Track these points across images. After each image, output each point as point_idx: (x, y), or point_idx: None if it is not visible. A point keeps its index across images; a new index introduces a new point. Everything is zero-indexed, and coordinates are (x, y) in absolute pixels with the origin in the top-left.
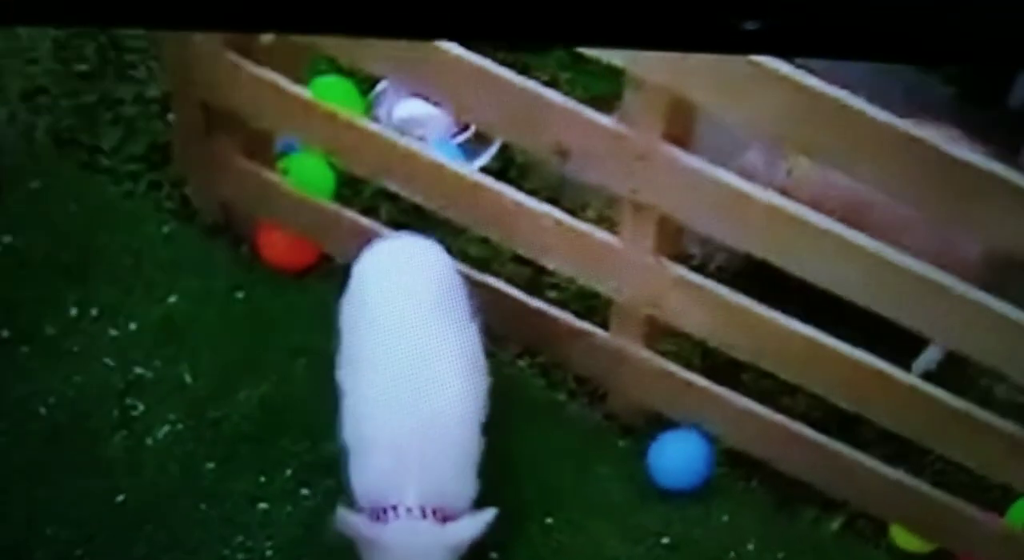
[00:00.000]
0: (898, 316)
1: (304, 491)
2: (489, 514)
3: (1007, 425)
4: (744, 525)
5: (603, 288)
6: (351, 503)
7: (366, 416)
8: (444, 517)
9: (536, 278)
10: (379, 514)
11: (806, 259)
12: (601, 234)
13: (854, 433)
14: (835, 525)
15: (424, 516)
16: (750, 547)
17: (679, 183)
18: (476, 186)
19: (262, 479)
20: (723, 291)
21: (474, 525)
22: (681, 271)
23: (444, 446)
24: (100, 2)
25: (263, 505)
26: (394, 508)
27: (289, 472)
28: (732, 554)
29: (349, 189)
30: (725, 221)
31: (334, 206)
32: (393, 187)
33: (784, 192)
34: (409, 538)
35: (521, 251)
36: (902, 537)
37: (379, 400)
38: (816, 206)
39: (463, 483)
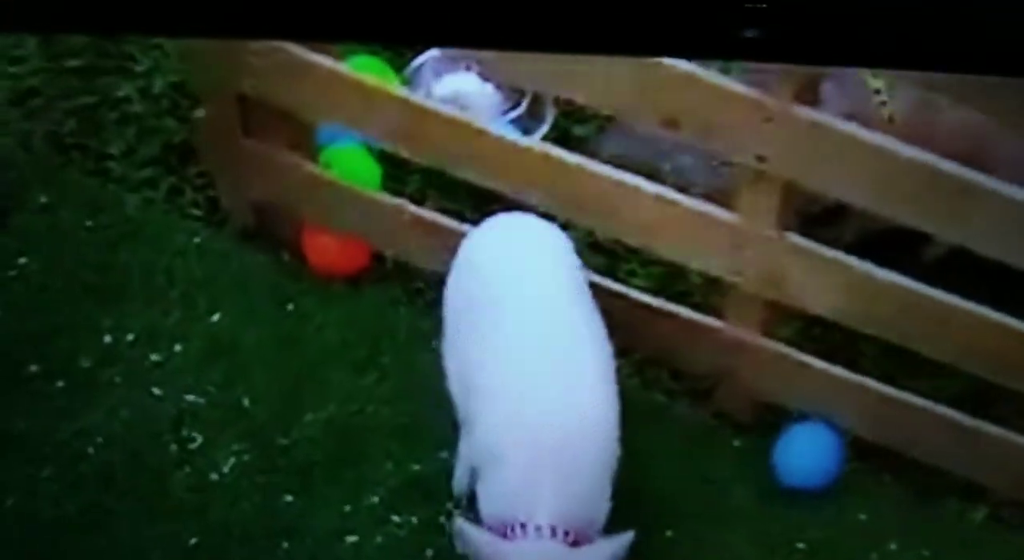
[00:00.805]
0: None
1: (395, 519)
2: (626, 538)
3: None
4: (883, 523)
5: (718, 271)
6: (473, 520)
7: (501, 422)
8: (575, 540)
9: (614, 265)
10: (505, 532)
11: (964, 222)
12: (716, 210)
13: (993, 410)
14: (980, 516)
15: (554, 536)
16: (892, 546)
17: (813, 146)
18: (561, 165)
19: (347, 509)
20: (856, 263)
21: (609, 549)
22: (810, 245)
23: (584, 460)
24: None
25: (352, 538)
26: (523, 526)
27: (376, 499)
28: (874, 555)
29: (393, 181)
30: (866, 185)
31: (387, 198)
32: (462, 173)
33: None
34: (536, 559)
35: (621, 236)
36: None
37: (517, 404)
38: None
39: (598, 502)
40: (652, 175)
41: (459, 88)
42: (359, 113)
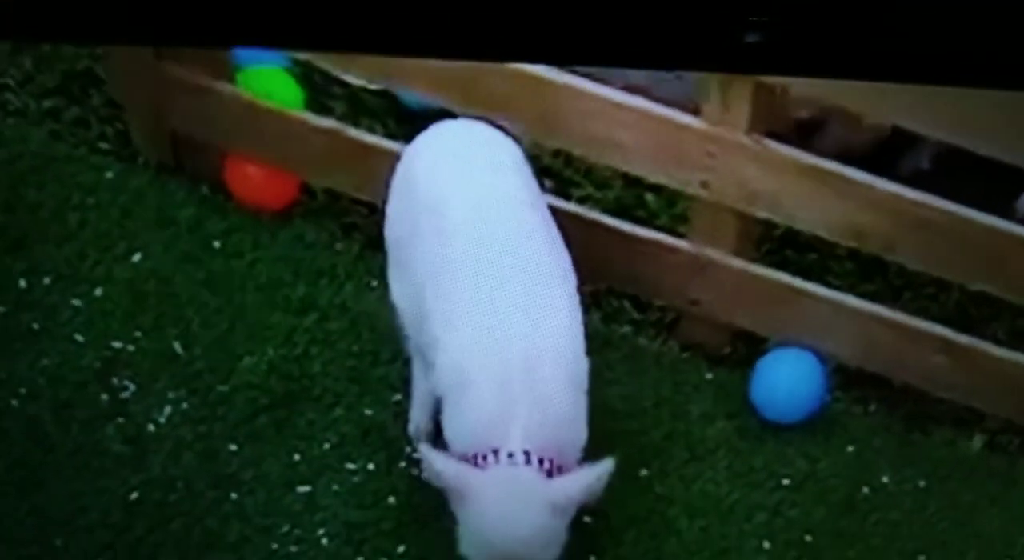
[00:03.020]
0: None
1: (350, 466)
2: (605, 467)
3: None
4: (873, 455)
5: (681, 183)
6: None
7: (466, 344)
8: (551, 468)
9: (564, 190)
10: (477, 460)
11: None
12: (683, 117)
13: (988, 329)
14: (977, 444)
15: (529, 462)
16: (884, 479)
17: None
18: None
19: (296, 458)
20: (835, 168)
21: (586, 479)
22: (784, 149)
23: (557, 380)
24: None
25: (304, 488)
26: (495, 452)
27: (327, 446)
28: (866, 489)
29: (318, 106)
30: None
31: (315, 120)
32: (398, 87)
33: None
34: (509, 487)
35: (572, 147)
36: None
37: (481, 324)
38: None
39: (575, 427)
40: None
41: None
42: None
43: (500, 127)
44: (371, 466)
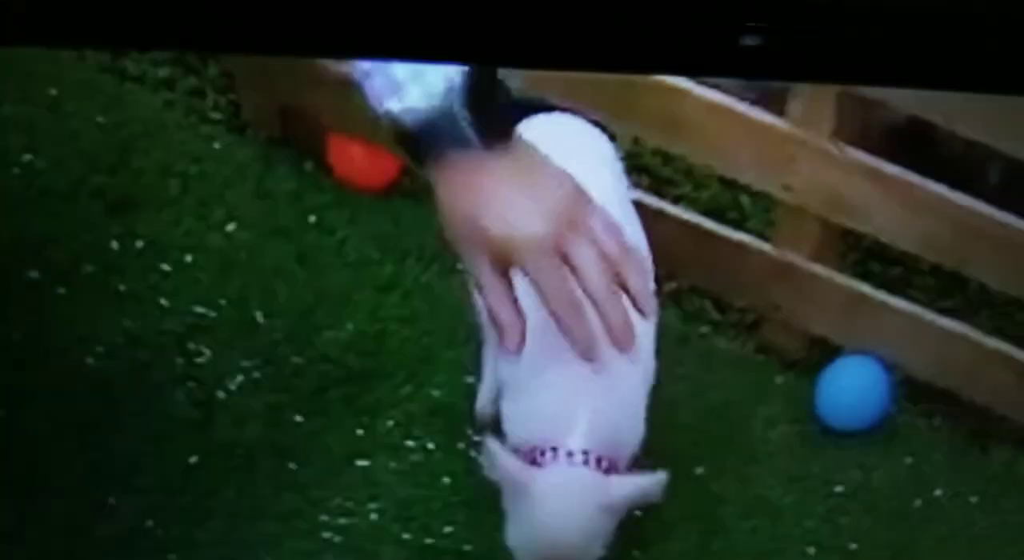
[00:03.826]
0: None
1: (409, 443)
2: (662, 478)
3: None
4: (930, 468)
5: (766, 185)
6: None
7: (536, 336)
8: (608, 466)
9: (661, 184)
10: (535, 455)
11: None
12: (765, 115)
13: None
14: None
15: (587, 462)
16: (937, 493)
17: None
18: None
19: (359, 432)
20: (925, 183)
21: (643, 483)
22: (867, 158)
23: (623, 382)
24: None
25: (362, 462)
26: (554, 450)
27: (391, 423)
28: (918, 502)
29: None
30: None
31: None
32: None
33: None
34: (568, 488)
35: (667, 145)
36: None
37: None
38: None
39: (636, 427)
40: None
41: None
42: None
43: (595, 122)
44: (431, 445)
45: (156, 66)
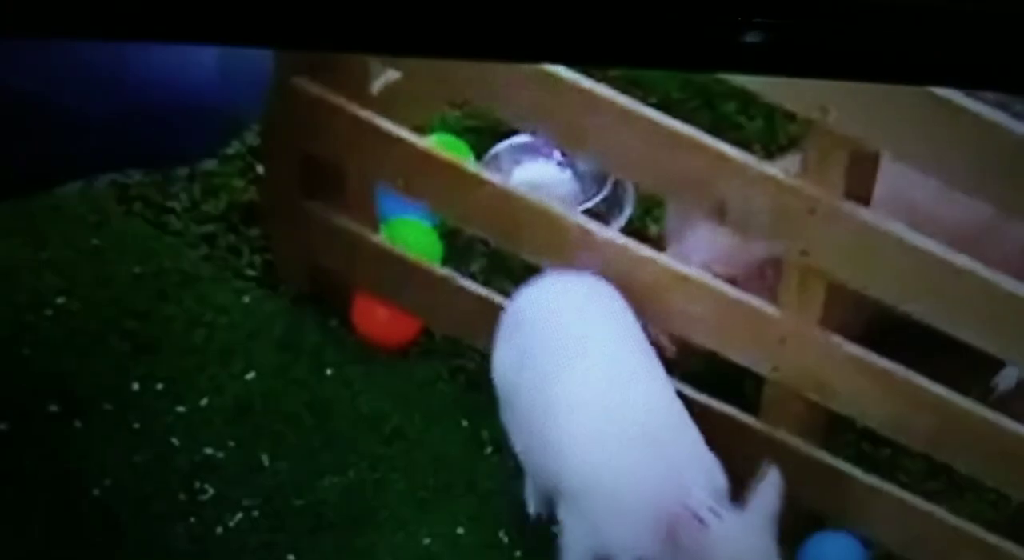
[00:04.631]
0: None
1: None
2: (775, 474)
3: None
4: None
5: (752, 363)
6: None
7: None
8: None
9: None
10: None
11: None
12: (760, 303)
13: None
14: None
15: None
16: None
17: (858, 244)
18: (621, 250)
19: None
20: (903, 372)
21: (771, 490)
22: (852, 347)
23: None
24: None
25: None
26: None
27: None
28: None
29: (456, 259)
30: (917, 292)
31: (445, 273)
32: (525, 255)
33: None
34: (742, 533)
35: (667, 325)
36: None
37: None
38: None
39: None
40: None
41: (537, 175)
42: (417, 181)
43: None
44: None
45: (199, 224)
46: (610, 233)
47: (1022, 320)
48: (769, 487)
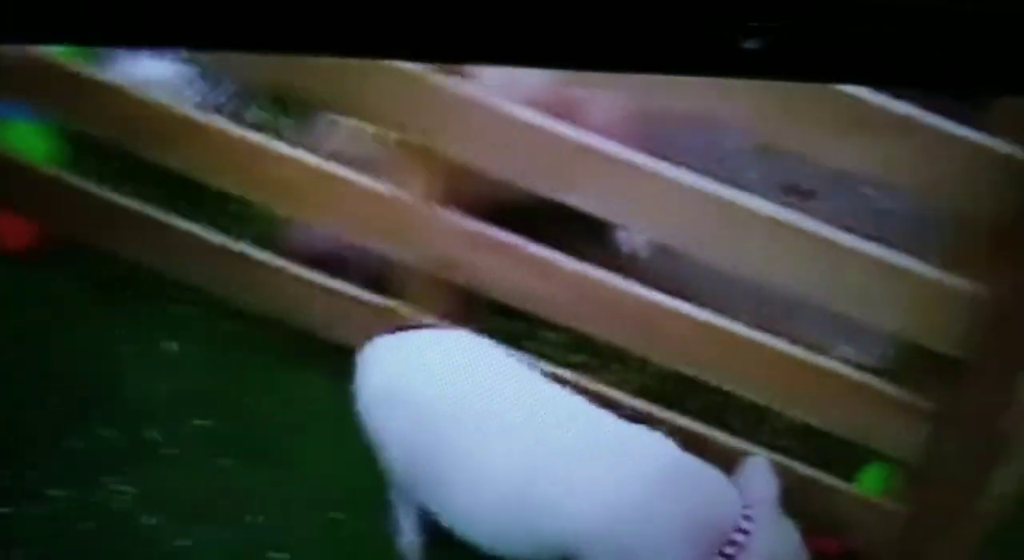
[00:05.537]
0: None
1: None
2: (762, 460)
3: None
4: None
5: (390, 252)
6: None
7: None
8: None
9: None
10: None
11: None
12: (374, 184)
13: (688, 403)
14: None
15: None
16: None
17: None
18: (252, 147)
19: None
20: (528, 246)
21: (767, 476)
22: (474, 224)
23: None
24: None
25: None
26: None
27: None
28: None
29: (88, 163)
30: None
31: (56, 173)
32: (144, 152)
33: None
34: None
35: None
36: None
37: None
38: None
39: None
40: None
41: (157, 73)
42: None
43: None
44: None
45: None
46: (238, 130)
47: (634, 184)
48: (761, 477)
